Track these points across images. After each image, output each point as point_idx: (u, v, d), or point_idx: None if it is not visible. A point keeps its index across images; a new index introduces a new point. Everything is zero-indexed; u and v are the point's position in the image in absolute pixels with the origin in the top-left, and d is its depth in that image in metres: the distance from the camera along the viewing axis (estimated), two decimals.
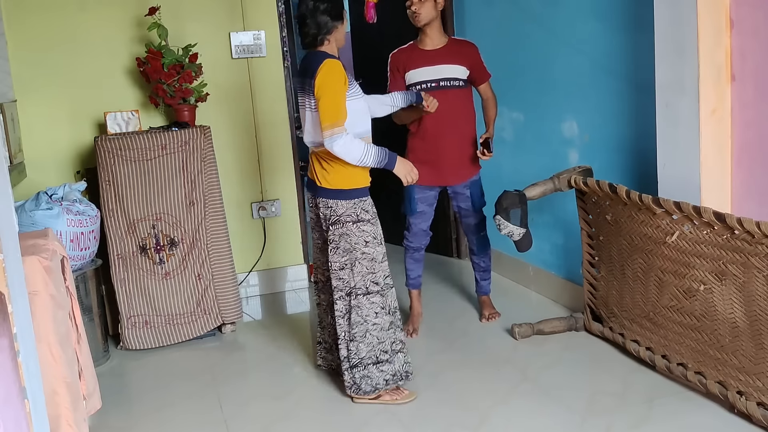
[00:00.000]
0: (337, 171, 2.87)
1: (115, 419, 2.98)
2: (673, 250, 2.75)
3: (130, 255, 3.68)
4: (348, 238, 2.86)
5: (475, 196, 3.59)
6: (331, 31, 2.86)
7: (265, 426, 2.84)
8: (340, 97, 2.77)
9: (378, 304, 2.89)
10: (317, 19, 2.83)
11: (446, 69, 3.45)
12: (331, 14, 2.85)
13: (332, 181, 2.89)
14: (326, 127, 2.75)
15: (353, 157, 2.79)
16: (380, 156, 2.84)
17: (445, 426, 2.73)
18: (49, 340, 2.16)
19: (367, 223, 2.89)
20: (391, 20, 4.91)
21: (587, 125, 3.60)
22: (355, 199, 2.88)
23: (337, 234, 2.88)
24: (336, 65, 2.78)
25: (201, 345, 3.76)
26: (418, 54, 3.49)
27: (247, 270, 4.46)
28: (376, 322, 2.88)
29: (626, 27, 3.24)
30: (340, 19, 2.89)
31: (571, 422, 2.68)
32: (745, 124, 2.70)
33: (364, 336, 2.87)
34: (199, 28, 4.18)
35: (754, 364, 2.51)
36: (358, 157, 2.79)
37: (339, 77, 2.77)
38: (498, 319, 3.73)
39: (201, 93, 4.00)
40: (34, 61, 3.96)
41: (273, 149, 4.46)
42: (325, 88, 2.76)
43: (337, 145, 2.74)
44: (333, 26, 2.86)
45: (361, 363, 2.88)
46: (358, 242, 2.86)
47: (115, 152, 3.64)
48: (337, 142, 2.74)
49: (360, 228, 2.87)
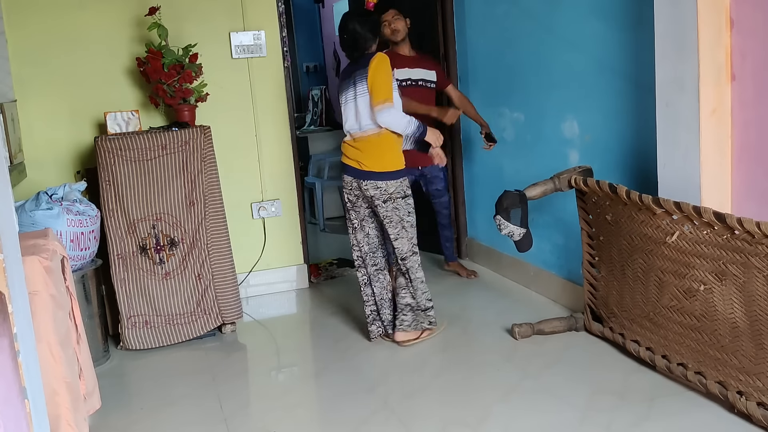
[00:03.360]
0: (382, 155, 3.35)
1: (115, 419, 2.98)
2: (673, 250, 2.75)
3: (130, 255, 3.68)
4: (398, 212, 3.36)
5: (446, 176, 4.41)
6: (371, 47, 3.43)
7: (265, 425, 2.83)
8: (390, 81, 3.30)
9: (418, 261, 3.46)
10: (361, 42, 3.40)
11: (423, 72, 4.28)
12: (372, 33, 3.42)
13: (380, 164, 3.35)
14: (378, 102, 3.25)
15: (400, 124, 3.31)
16: (419, 125, 3.37)
17: (445, 424, 2.73)
18: (49, 340, 2.16)
19: (409, 197, 3.41)
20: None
21: (587, 125, 3.60)
22: (401, 179, 3.37)
23: (390, 209, 3.36)
24: (385, 58, 3.32)
25: (201, 345, 3.76)
26: (401, 57, 4.22)
27: (247, 270, 4.46)
28: (419, 276, 3.46)
29: (626, 26, 3.24)
30: (378, 34, 3.47)
31: (572, 420, 2.68)
32: (745, 124, 2.70)
33: (416, 288, 3.44)
34: (199, 28, 4.18)
35: (754, 364, 2.51)
36: (404, 125, 3.33)
37: (388, 67, 3.31)
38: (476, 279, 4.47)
39: (201, 93, 4.00)
40: (34, 61, 3.96)
41: (273, 149, 4.47)
42: (378, 72, 3.28)
43: (389, 114, 3.25)
44: (372, 42, 3.43)
45: (419, 306, 3.46)
46: (404, 213, 3.38)
47: (115, 152, 3.64)
48: (389, 112, 3.25)
49: (407, 202, 3.39)
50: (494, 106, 4.35)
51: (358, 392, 3.07)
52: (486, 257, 4.70)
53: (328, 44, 7.71)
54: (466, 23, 4.62)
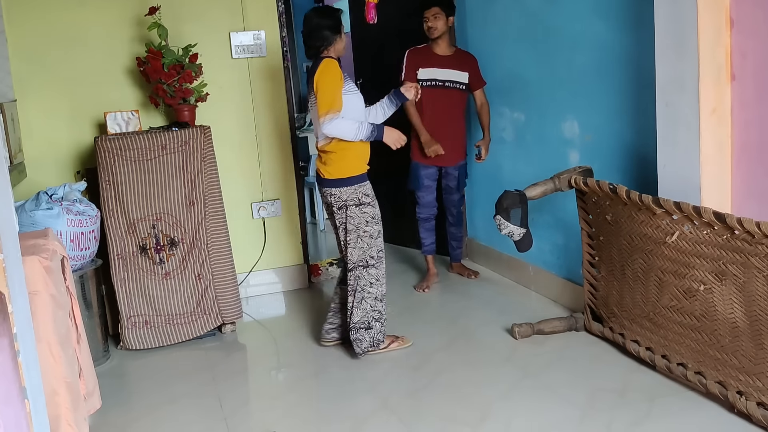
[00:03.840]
0: (336, 163, 3.26)
1: (115, 419, 2.98)
2: (673, 250, 2.75)
3: (130, 255, 3.68)
4: (353, 220, 3.28)
5: (461, 177, 4.37)
6: (331, 44, 3.27)
7: (264, 425, 2.83)
8: (335, 88, 3.16)
9: (376, 276, 3.32)
10: (320, 34, 3.25)
11: (452, 73, 4.19)
12: (332, 29, 3.26)
13: (333, 172, 3.28)
14: (322, 114, 3.15)
15: (348, 133, 3.19)
16: (371, 129, 3.23)
17: (446, 423, 2.73)
18: (49, 340, 2.16)
19: (367, 205, 3.30)
20: (391, 21, 4.92)
21: (588, 125, 3.60)
22: (355, 185, 3.27)
23: (343, 216, 3.29)
24: (332, 63, 3.20)
25: (201, 345, 3.76)
26: (431, 56, 4.21)
27: (247, 270, 4.46)
28: (372, 291, 3.32)
29: (626, 26, 3.24)
30: (339, 33, 3.29)
31: (572, 419, 2.68)
32: (745, 124, 2.70)
33: (360, 303, 3.31)
34: (199, 28, 4.18)
35: (754, 364, 2.51)
36: (354, 132, 3.19)
37: (335, 72, 3.18)
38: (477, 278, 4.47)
39: (201, 93, 4.00)
40: (34, 60, 3.96)
41: (273, 149, 4.46)
42: (321, 81, 3.17)
43: (334, 126, 3.15)
44: (333, 39, 3.27)
45: (355, 327, 3.31)
46: (360, 222, 3.28)
47: (115, 152, 3.64)
48: (333, 123, 3.15)
49: (362, 210, 3.28)
50: (494, 106, 4.35)
51: (358, 392, 3.07)
52: (486, 257, 4.70)
53: None
54: (466, 23, 4.62)
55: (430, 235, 4.39)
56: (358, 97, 3.30)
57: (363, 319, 3.31)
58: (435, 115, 4.20)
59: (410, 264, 4.91)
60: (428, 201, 4.32)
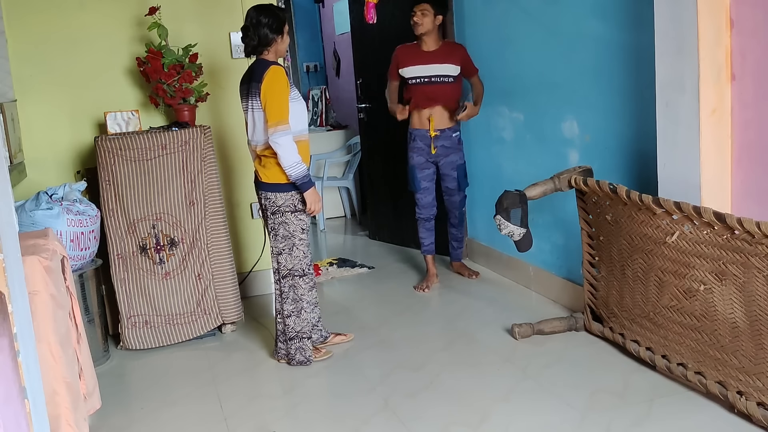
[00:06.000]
0: (275, 167, 3.20)
1: (115, 419, 2.98)
2: (673, 250, 2.75)
3: (130, 255, 3.68)
4: (287, 226, 3.24)
5: (460, 178, 4.34)
6: (270, 44, 3.19)
7: (264, 425, 2.83)
8: (284, 99, 3.12)
9: (308, 284, 3.35)
10: (258, 32, 3.15)
11: (439, 68, 4.17)
12: (272, 28, 3.16)
13: (271, 176, 3.22)
14: (272, 125, 3.09)
15: (287, 159, 3.12)
16: (304, 176, 3.17)
17: (446, 424, 2.73)
18: (49, 340, 2.16)
19: (302, 212, 3.26)
20: (391, 21, 4.91)
21: (588, 125, 3.60)
22: (292, 191, 3.22)
23: (277, 222, 3.25)
24: (280, 71, 3.13)
25: (201, 345, 3.76)
26: (416, 53, 4.21)
27: (247, 270, 4.46)
28: (309, 299, 3.36)
29: (626, 26, 3.23)
30: (280, 34, 3.20)
31: (572, 419, 2.68)
32: (745, 124, 2.70)
33: (299, 312, 3.30)
34: (199, 28, 4.18)
35: (754, 364, 2.51)
36: (291, 162, 3.13)
37: (283, 82, 3.12)
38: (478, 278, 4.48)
39: (201, 93, 4.00)
40: (34, 60, 3.96)
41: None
42: (271, 91, 3.10)
43: (281, 141, 3.09)
44: (272, 39, 3.18)
45: (297, 336, 3.31)
46: (296, 230, 3.26)
47: (115, 152, 3.64)
48: (281, 138, 3.09)
49: (297, 217, 3.25)
50: (494, 106, 4.35)
51: (358, 392, 3.07)
52: (486, 257, 4.70)
53: (328, 44, 7.70)
54: (465, 23, 4.61)
55: (430, 235, 4.41)
56: (302, 104, 3.26)
57: (305, 328, 3.33)
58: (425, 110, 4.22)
59: (410, 264, 4.91)
60: (427, 202, 4.35)
